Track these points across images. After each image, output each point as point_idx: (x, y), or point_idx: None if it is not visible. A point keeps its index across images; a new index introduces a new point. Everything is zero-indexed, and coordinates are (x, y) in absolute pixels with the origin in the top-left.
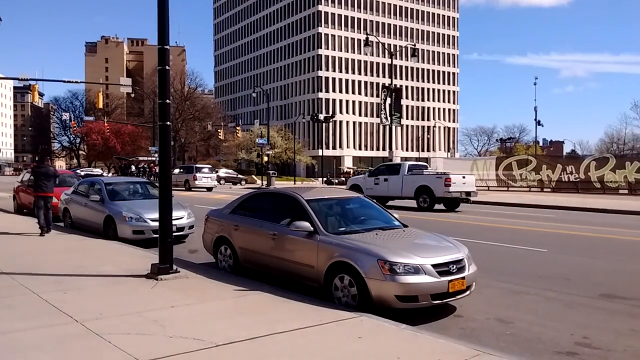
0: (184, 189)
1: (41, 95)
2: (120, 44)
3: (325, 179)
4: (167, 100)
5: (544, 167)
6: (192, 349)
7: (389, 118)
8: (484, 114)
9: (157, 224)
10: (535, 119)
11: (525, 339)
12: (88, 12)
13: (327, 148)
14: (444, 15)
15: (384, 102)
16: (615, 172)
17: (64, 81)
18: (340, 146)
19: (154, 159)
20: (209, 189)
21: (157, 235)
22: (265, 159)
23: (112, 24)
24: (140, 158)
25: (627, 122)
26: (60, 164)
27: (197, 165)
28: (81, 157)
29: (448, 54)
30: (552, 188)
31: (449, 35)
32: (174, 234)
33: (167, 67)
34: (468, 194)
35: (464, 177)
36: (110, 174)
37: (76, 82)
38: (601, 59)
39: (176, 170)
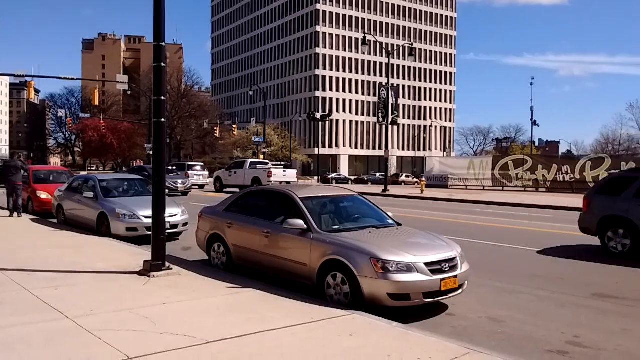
0: None
1: (37, 92)
2: (117, 42)
3: (321, 177)
4: (162, 97)
5: (539, 167)
6: (183, 346)
7: (388, 117)
8: (480, 113)
9: (150, 221)
10: (532, 119)
11: (517, 338)
12: (86, 8)
13: (324, 147)
14: (441, 15)
15: (381, 101)
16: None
17: (61, 78)
18: (337, 145)
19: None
20: (201, 187)
21: (150, 232)
22: (262, 157)
23: (110, 22)
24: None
25: (623, 123)
26: (55, 161)
27: (190, 163)
28: (76, 154)
29: (445, 54)
30: (547, 188)
31: (446, 35)
32: (168, 231)
33: (162, 64)
34: (288, 182)
35: (284, 171)
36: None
37: (72, 79)
38: (598, 59)
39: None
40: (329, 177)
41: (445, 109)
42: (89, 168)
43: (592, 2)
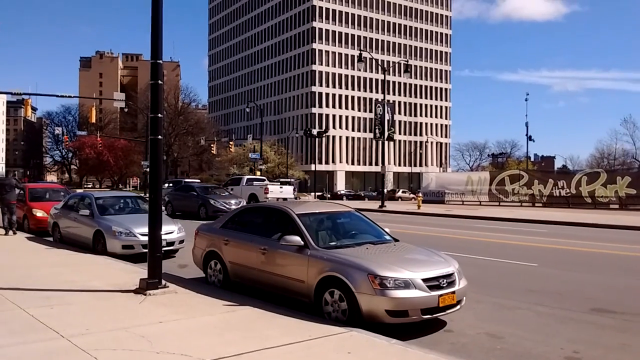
0: None
1: (34, 109)
2: (114, 59)
3: (319, 193)
4: (159, 115)
5: (535, 182)
6: None
7: (384, 133)
8: (475, 129)
9: (146, 238)
10: (527, 135)
11: (516, 354)
12: (84, 26)
13: (320, 163)
14: (436, 32)
15: (378, 118)
16: (607, 187)
17: (58, 96)
18: (333, 161)
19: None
20: None
21: (147, 250)
22: (258, 173)
23: (108, 39)
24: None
25: (618, 138)
26: (51, 179)
27: (187, 180)
28: (73, 172)
29: (440, 70)
30: (544, 203)
31: (441, 52)
32: (164, 248)
33: (159, 82)
34: (285, 199)
35: (281, 187)
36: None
37: (69, 96)
38: (591, 75)
39: (165, 185)
40: (340, 192)
41: (441, 125)
42: (85, 186)
43: (585, 18)
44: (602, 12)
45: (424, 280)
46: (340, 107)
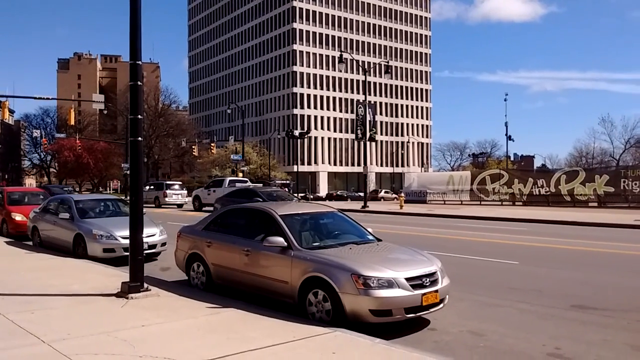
0: (154, 205)
1: (12, 112)
2: (93, 61)
3: (302, 194)
4: (139, 116)
5: (515, 181)
6: None
7: (366, 134)
8: (456, 129)
9: (128, 241)
10: (506, 134)
11: (498, 351)
12: (61, 28)
13: (302, 164)
14: (416, 33)
15: (359, 118)
16: (585, 185)
17: (36, 98)
18: (315, 162)
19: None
20: (180, 206)
21: (128, 253)
22: (241, 175)
23: (86, 41)
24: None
25: (596, 137)
26: (30, 182)
27: (167, 182)
28: (52, 175)
29: (421, 71)
30: (524, 202)
31: (421, 53)
32: (146, 251)
33: (139, 83)
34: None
35: (263, 186)
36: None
37: (47, 98)
38: (569, 75)
39: (146, 187)
40: (310, 197)
41: (422, 125)
42: (64, 189)
43: (563, 19)
44: (579, 13)
45: (407, 279)
46: (321, 108)
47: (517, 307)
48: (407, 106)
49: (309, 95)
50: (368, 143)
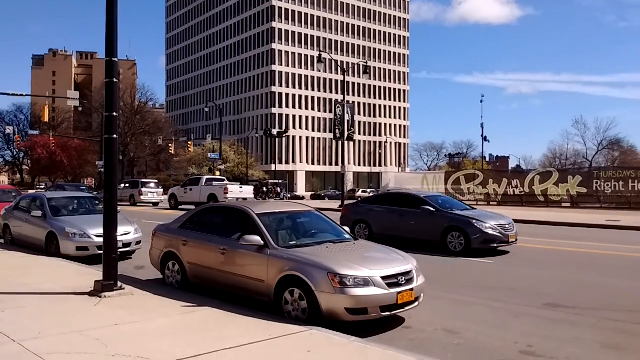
0: (129, 204)
1: None
2: (68, 57)
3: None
4: (114, 113)
5: (490, 181)
6: None
7: (344, 133)
8: (433, 130)
9: (101, 239)
10: (482, 135)
11: (472, 349)
12: (33, 24)
13: (280, 163)
14: (395, 35)
15: (338, 118)
16: (559, 185)
17: (8, 94)
18: (294, 161)
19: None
20: (155, 204)
21: (102, 252)
22: (218, 173)
23: (61, 37)
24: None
25: (569, 139)
26: (2, 179)
27: (143, 180)
28: (25, 172)
29: (399, 72)
30: (498, 201)
31: (399, 54)
32: (120, 250)
33: (115, 80)
34: (245, 199)
35: (241, 187)
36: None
37: (21, 95)
38: (544, 77)
39: (121, 185)
40: (324, 194)
41: (400, 126)
42: (37, 186)
43: (538, 23)
44: (555, 16)
45: (383, 278)
46: (300, 107)
47: (491, 305)
48: (385, 106)
49: (287, 95)
50: (346, 143)
